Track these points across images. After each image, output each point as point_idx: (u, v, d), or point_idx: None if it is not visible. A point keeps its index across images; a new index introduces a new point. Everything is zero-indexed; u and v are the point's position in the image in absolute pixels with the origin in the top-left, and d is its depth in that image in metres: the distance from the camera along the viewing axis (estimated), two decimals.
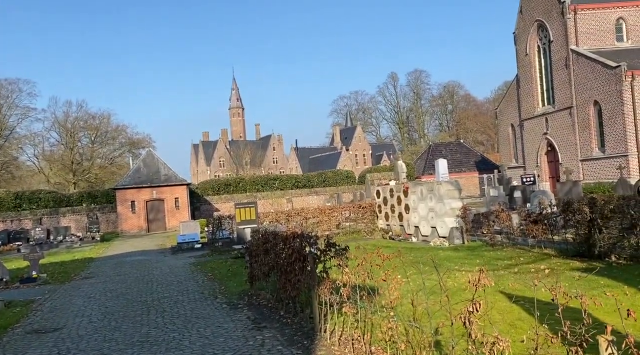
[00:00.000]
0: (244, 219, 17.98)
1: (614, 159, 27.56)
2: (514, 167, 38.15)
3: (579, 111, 30.85)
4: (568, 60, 31.18)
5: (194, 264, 15.94)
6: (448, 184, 17.21)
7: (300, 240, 7.16)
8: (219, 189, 41.18)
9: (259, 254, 9.23)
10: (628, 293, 7.48)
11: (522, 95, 37.11)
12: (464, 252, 13.96)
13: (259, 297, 9.43)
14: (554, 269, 9.97)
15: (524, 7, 36.13)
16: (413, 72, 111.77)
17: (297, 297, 7.48)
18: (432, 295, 6.63)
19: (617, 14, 31.16)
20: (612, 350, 2.45)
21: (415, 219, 18.19)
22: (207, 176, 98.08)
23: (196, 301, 9.90)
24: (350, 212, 22.52)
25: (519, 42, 37.11)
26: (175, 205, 36.04)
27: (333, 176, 45.46)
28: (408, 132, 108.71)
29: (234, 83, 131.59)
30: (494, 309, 7.13)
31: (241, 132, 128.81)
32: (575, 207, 11.62)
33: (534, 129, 35.74)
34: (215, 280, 12.40)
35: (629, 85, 27.18)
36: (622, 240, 10.73)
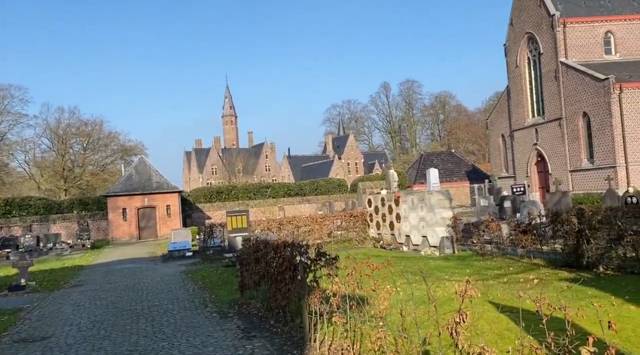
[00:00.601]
0: (236, 227, 17.96)
1: (603, 170, 27.88)
2: (505, 177, 38.45)
3: (568, 122, 31.21)
4: (558, 73, 31.59)
5: (184, 272, 15.88)
6: (439, 194, 17.32)
7: (291, 249, 7.19)
8: (211, 196, 41.08)
9: (249, 263, 9.24)
10: (615, 304, 7.60)
11: (513, 106, 37.49)
12: (454, 261, 14.04)
13: (249, 306, 9.43)
14: (542, 279, 10.06)
15: (514, 20, 36.62)
16: (405, 82, 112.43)
17: (287, 307, 7.50)
18: (421, 304, 6.69)
19: (606, 27, 31.67)
20: None
21: (407, 228, 18.26)
22: (200, 184, 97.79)
23: (186, 310, 9.87)
24: (342, 221, 22.57)
25: (510, 54, 37.56)
26: (167, 212, 35.90)
27: (325, 185, 45.52)
28: (400, 141, 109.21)
29: (227, 91, 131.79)
30: (483, 319, 7.18)
31: (234, 139, 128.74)
32: (563, 217, 11.75)
33: (524, 140, 36.09)
34: (205, 288, 12.37)
35: (617, 98, 27.57)
36: (610, 251, 10.86)
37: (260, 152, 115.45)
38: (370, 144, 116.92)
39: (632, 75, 28.81)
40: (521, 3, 35.46)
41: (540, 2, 32.82)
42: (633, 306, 7.30)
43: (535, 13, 33.63)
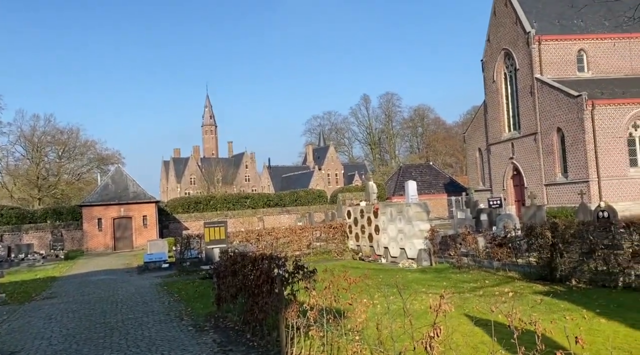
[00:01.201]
0: (213, 239, 17.80)
1: (576, 185, 28.52)
2: (482, 190, 39.00)
3: (543, 137, 31.91)
4: (533, 88, 32.34)
5: (160, 284, 15.65)
6: (417, 206, 17.48)
7: (269, 262, 7.18)
8: (189, 207, 40.65)
9: (226, 276, 9.17)
10: (586, 317, 7.73)
11: (489, 120, 38.18)
12: (431, 274, 14.15)
13: (225, 319, 9.34)
14: (517, 292, 10.20)
15: (491, 36, 37.43)
16: (385, 95, 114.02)
17: (264, 320, 7.45)
18: (398, 318, 6.73)
19: (579, 45, 32.59)
20: None
21: (385, 240, 18.35)
22: (178, 194, 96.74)
23: (161, 323, 9.73)
24: (321, 232, 22.57)
25: (487, 69, 38.33)
26: (144, 223, 35.40)
27: (305, 195, 45.50)
28: (380, 153, 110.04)
29: (207, 100, 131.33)
30: (458, 332, 7.25)
31: (213, 149, 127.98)
32: (538, 231, 11.98)
33: (500, 154, 36.73)
34: (181, 301, 12.21)
35: (590, 114, 28.32)
36: (582, 265, 11.08)
37: (240, 162, 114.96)
38: (351, 155, 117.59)
39: (604, 92, 29.64)
40: (498, 20, 36.30)
41: (517, 19, 33.65)
42: (603, 319, 7.46)
43: (512, 30, 34.45)
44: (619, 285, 10.01)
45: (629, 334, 6.66)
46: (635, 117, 29.12)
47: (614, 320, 7.35)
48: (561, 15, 32.88)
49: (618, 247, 10.30)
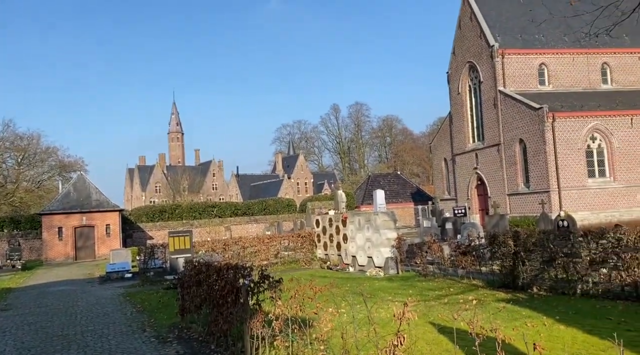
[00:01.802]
0: (178, 248, 17.48)
1: (537, 195, 29.33)
2: (447, 199, 39.67)
3: (506, 148, 32.75)
4: (496, 100, 33.21)
5: (123, 295, 15.26)
6: (384, 215, 17.64)
7: (234, 271, 7.08)
8: (153, 215, 39.85)
9: (191, 286, 9.00)
10: (546, 324, 7.93)
11: (455, 131, 38.98)
12: (398, 282, 14.27)
13: (190, 330, 9.16)
14: (481, 299, 10.38)
15: (456, 49, 38.33)
16: (354, 105, 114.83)
17: (229, 331, 7.34)
18: (364, 326, 6.74)
19: (540, 60, 33.70)
20: None
21: (353, 249, 18.42)
22: (142, 202, 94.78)
23: (123, 335, 9.45)
24: (289, 242, 22.48)
25: (452, 81, 39.19)
26: (107, 232, 34.49)
27: (274, 204, 45.27)
28: (349, 162, 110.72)
29: (174, 107, 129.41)
30: (423, 340, 7.32)
31: (180, 157, 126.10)
32: (500, 239, 12.25)
33: (465, 164, 37.50)
34: (144, 312, 11.92)
35: (550, 126, 29.26)
36: (543, 273, 11.38)
37: (207, 170, 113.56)
38: (320, 164, 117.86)
39: (564, 105, 30.69)
40: (463, 33, 37.22)
41: (481, 33, 34.57)
42: (562, 326, 7.65)
43: (476, 43, 35.36)
44: (577, 292, 10.30)
45: (586, 340, 6.85)
46: (593, 130, 30.23)
47: (572, 327, 7.55)
48: (523, 30, 33.97)
49: (577, 255, 10.62)
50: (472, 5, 35.79)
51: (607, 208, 29.46)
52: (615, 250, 9.91)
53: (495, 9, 35.56)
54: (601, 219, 28.02)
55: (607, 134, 30.29)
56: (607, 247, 10.14)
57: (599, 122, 30.18)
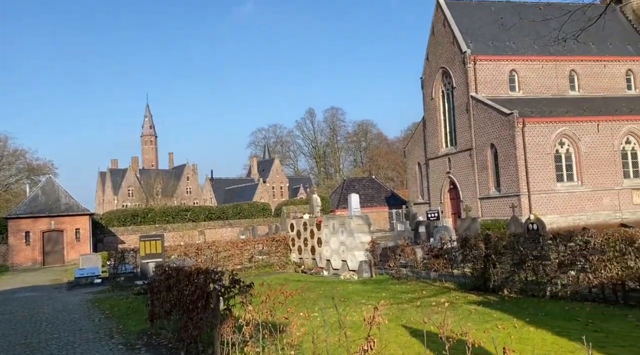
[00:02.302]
0: (149, 253, 17.15)
1: (508, 198, 29.85)
2: (420, 203, 40.05)
3: (478, 153, 33.27)
4: (468, 106, 33.74)
5: (91, 301, 14.88)
6: (358, 219, 17.65)
7: (204, 276, 6.95)
8: (125, 219, 39.08)
9: (161, 291, 8.81)
10: (517, 326, 8.04)
11: (428, 136, 39.44)
12: (371, 285, 14.28)
13: (159, 336, 8.96)
14: (453, 302, 10.47)
15: (430, 55, 38.84)
16: (330, 109, 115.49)
17: (199, 337, 7.19)
18: (337, 330, 6.69)
19: (510, 66, 34.40)
20: None
21: (327, 253, 18.38)
22: (114, 206, 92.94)
23: (89, 342, 9.19)
24: (264, 246, 22.29)
25: (426, 87, 39.67)
26: (76, 236, 33.67)
27: (249, 208, 44.94)
28: (325, 167, 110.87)
29: (147, 110, 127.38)
30: (395, 343, 7.31)
31: (153, 160, 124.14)
32: (472, 242, 12.38)
33: (438, 168, 37.95)
34: (113, 318, 11.63)
35: (520, 131, 29.85)
36: (514, 275, 11.53)
37: (181, 174, 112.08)
38: (296, 168, 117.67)
39: (533, 111, 31.38)
40: (437, 39, 37.73)
41: (454, 39, 35.11)
42: (532, 328, 7.75)
43: (449, 49, 35.89)
44: (547, 294, 10.48)
45: (555, 341, 6.95)
46: (562, 135, 30.97)
47: (542, 329, 7.65)
48: (495, 37, 34.64)
49: (546, 258, 10.80)
50: (445, 11, 36.33)
51: (575, 211, 30.18)
52: (582, 253, 10.11)
53: (467, 16, 36.20)
54: (570, 222, 28.70)
55: (575, 139, 31.07)
56: (575, 250, 10.34)
57: (567, 128, 30.94)
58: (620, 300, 9.33)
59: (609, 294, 9.59)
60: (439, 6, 37.21)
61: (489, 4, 37.51)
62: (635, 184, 31.84)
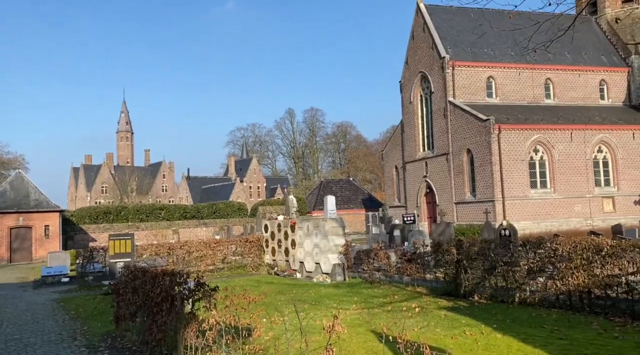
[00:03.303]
0: (118, 252, 16.80)
1: (483, 204, 30.21)
2: (397, 206, 40.26)
3: (454, 157, 33.60)
4: (446, 111, 34.06)
5: (57, 300, 14.50)
6: (333, 221, 17.58)
7: (170, 278, 6.79)
8: (97, 217, 38.31)
9: (127, 292, 8.59)
10: (484, 332, 8.06)
11: (406, 139, 39.69)
12: (344, 289, 14.22)
13: (124, 339, 8.74)
14: (423, 307, 10.47)
15: (409, 59, 39.10)
16: (309, 110, 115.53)
17: (163, 340, 7.02)
18: (308, 334, 6.60)
19: (488, 73, 34.86)
20: None
21: (301, 255, 18.27)
22: (88, 203, 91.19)
23: (51, 344, 8.91)
24: (237, 246, 22.05)
25: (405, 91, 39.92)
26: (45, 233, 32.84)
27: (224, 208, 44.52)
28: (303, 167, 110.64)
29: (124, 105, 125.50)
30: (363, 348, 7.26)
31: (129, 157, 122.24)
32: (444, 248, 12.44)
33: (415, 172, 38.21)
34: (78, 319, 11.32)
35: (496, 137, 30.25)
36: (484, 281, 11.61)
37: (157, 171, 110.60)
38: (274, 168, 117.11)
39: (509, 117, 31.84)
40: (416, 44, 38.00)
41: (433, 44, 35.40)
42: (499, 334, 7.78)
43: (428, 54, 36.18)
44: (515, 300, 10.56)
45: (520, 348, 6.98)
46: (536, 142, 31.49)
47: (508, 335, 7.69)
48: (473, 44, 35.04)
49: (516, 264, 10.89)
50: (425, 17, 36.63)
51: (547, 218, 30.70)
52: (551, 260, 10.23)
53: (447, 22, 36.55)
54: (542, 228, 29.17)
55: (549, 147, 31.62)
56: (543, 257, 10.46)
57: (541, 135, 31.47)
58: (586, 307, 9.46)
59: (575, 301, 9.71)
60: (419, 11, 37.50)
61: (468, 10, 37.94)
62: (605, 192, 32.56)
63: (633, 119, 34.64)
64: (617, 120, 33.98)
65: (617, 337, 7.46)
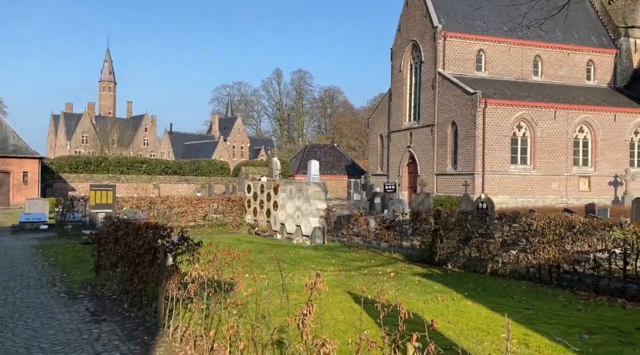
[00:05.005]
0: (99, 203, 16.76)
1: (463, 176, 30.64)
2: (379, 174, 40.60)
3: (439, 129, 33.79)
4: (435, 82, 33.99)
5: (35, 247, 14.53)
6: (316, 185, 17.76)
7: (154, 232, 6.87)
8: (77, 166, 37.88)
9: (108, 242, 8.67)
10: (455, 299, 8.39)
11: (393, 108, 39.66)
12: (323, 251, 14.51)
13: (103, 287, 8.87)
14: (399, 272, 10.79)
15: (402, 27, 38.62)
16: (297, 72, 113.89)
17: (144, 290, 7.17)
18: (289, 292, 6.80)
19: (479, 46, 34.71)
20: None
21: (282, 217, 18.49)
22: (67, 152, 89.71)
23: (30, 288, 9.00)
24: (219, 205, 22.17)
25: (395, 59, 39.60)
26: (24, 180, 32.46)
27: (207, 166, 44.35)
28: (288, 130, 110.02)
29: (108, 54, 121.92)
30: (339, 308, 7.52)
31: (111, 108, 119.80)
32: (423, 217, 12.72)
33: (399, 141, 38.38)
34: (57, 266, 11.40)
35: (482, 111, 30.44)
36: (459, 251, 11.97)
37: (139, 124, 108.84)
38: (258, 129, 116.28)
39: (496, 92, 31.98)
40: (409, 11, 37.49)
41: (426, 12, 34.97)
42: (470, 302, 8.11)
43: (421, 23, 35.77)
44: (487, 271, 10.94)
45: (489, 316, 7.30)
46: (520, 119, 31.80)
47: (478, 303, 8.02)
48: (466, 15, 34.71)
49: (491, 236, 11.23)
50: None
51: (524, 194, 31.36)
52: (525, 234, 10.56)
53: None
54: (519, 203, 29.84)
55: (532, 124, 31.98)
56: (518, 231, 10.79)
57: (526, 112, 31.76)
58: (554, 280, 9.86)
59: (544, 274, 10.11)
60: None
61: None
62: (583, 172, 33.27)
63: (616, 101, 35.09)
64: (601, 101, 34.40)
65: (580, 309, 7.85)
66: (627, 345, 5.91)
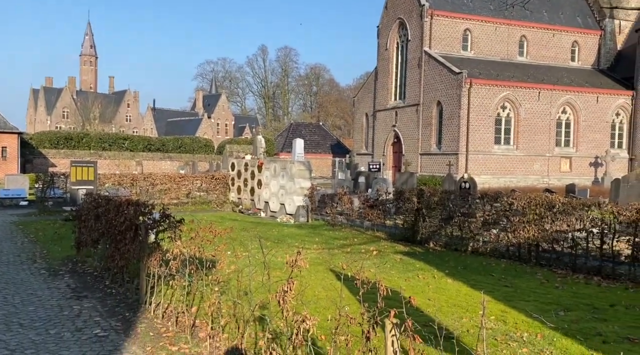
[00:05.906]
0: (80, 179, 16.54)
1: (447, 156, 30.85)
2: (364, 153, 40.65)
3: (424, 109, 33.82)
4: (421, 61, 33.88)
5: (15, 223, 14.34)
6: (300, 164, 17.72)
7: (135, 209, 6.81)
8: (58, 142, 37.25)
9: (89, 219, 8.58)
10: (436, 276, 8.51)
11: (379, 87, 39.52)
12: (306, 230, 14.57)
13: (84, 264, 8.81)
14: (381, 251, 10.89)
15: (389, 4, 38.24)
16: (283, 49, 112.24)
17: (125, 267, 7.13)
18: (272, 270, 6.82)
19: (465, 25, 34.57)
20: (394, 332, 2.76)
21: (266, 195, 18.47)
22: (47, 127, 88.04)
23: (9, 265, 8.90)
24: (202, 182, 22.06)
25: (382, 37, 39.29)
26: (2, 155, 31.87)
27: (190, 143, 43.95)
28: (273, 108, 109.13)
29: (89, 27, 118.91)
30: (321, 285, 7.58)
31: (92, 82, 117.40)
32: (406, 196, 12.81)
33: (385, 120, 38.37)
34: (37, 242, 11.28)
35: (467, 92, 30.50)
36: (441, 229, 12.11)
37: (121, 100, 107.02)
38: (243, 106, 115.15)
39: (482, 72, 32.01)
40: None
41: None
42: (450, 280, 8.23)
43: (408, 1, 35.44)
44: (468, 249, 11.10)
45: (469, 293, 7.43)
46: (505, 99, 31.96)
47: (458, 281, 8.15)
48: None
49: (472, 215, 11.37)
50: None
51: (507, 174, 31.74)
52: (506, 214, 10.71)
53: None
54: (501, 183, 30.20)
55: (517, 105, 32.18)
56: (499, 210, 10.94)
57: (510, 93, 31.91)
58: (533, 259, 10.05)
59: (524, 253, 10.29)
60: None
61: None
62: (564, 152, 33.72)
63: (599, 82, 35.41)
64: (584, 82, 34.68)
65: (557, 287, 8.03)
66: (601, 322, 6.07)
